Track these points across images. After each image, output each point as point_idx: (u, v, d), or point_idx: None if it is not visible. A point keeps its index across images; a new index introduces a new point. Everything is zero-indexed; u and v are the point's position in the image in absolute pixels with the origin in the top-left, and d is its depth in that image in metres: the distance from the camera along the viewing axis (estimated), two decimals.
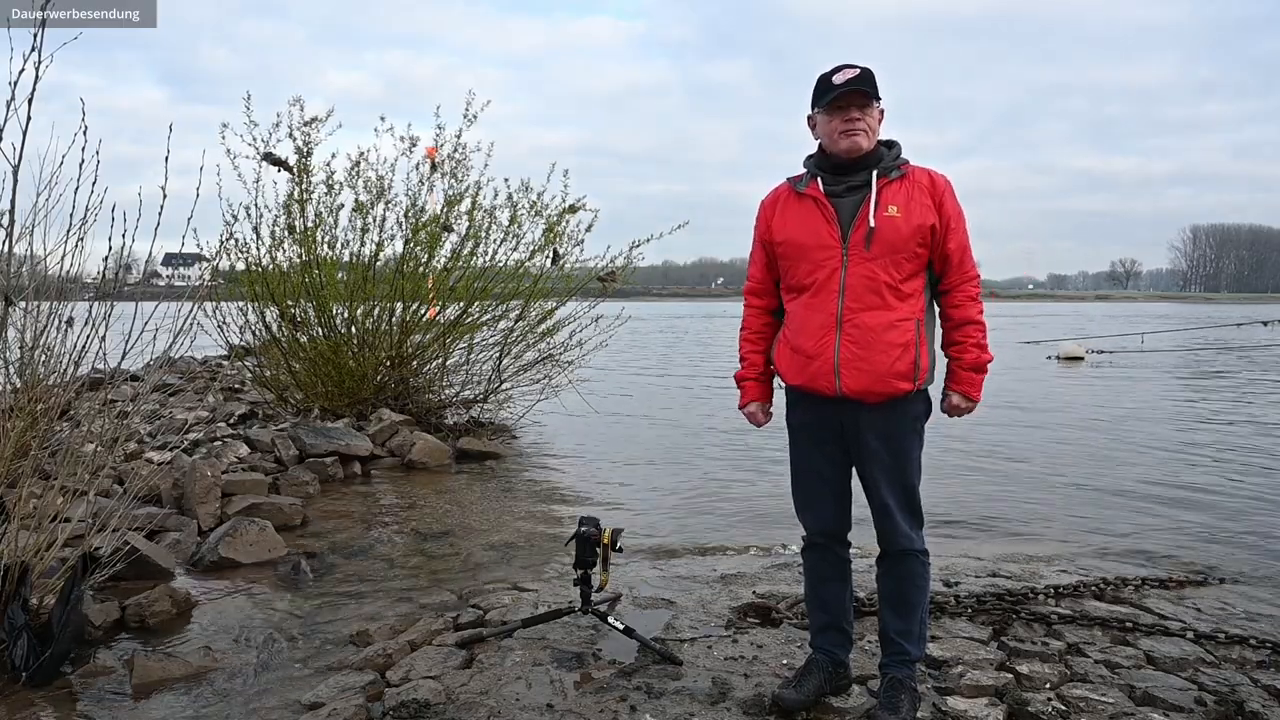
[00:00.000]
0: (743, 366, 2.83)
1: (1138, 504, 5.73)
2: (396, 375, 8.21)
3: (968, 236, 2.60)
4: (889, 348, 2.48)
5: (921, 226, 2.50)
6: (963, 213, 2.59)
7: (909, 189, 2.53)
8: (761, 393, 2.82)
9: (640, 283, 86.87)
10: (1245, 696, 2.76)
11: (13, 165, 3.08)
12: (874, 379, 2.49)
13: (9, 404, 3.62)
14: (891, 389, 2.50)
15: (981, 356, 2.60)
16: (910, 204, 2.50)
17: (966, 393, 2.61)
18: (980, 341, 2.60)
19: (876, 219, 2.47)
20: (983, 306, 2.63)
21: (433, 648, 3.18)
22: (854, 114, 2.49)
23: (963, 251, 2.57)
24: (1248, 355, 19.40)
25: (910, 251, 2.50)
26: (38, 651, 2.95)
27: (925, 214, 2.51)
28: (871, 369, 2.49)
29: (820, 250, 2.54)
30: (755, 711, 2.68)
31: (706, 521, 5.31)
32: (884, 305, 2.49)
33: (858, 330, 2.49)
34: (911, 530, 2.63)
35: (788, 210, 2.64)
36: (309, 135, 7.54)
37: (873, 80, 2.50)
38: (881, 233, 2.47)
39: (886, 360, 2.48)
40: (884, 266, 2.49)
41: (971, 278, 2.60)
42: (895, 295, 2.50)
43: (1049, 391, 12.67)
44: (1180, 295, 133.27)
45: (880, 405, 2.54)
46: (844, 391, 2.52)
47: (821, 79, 2.54)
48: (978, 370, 2.60)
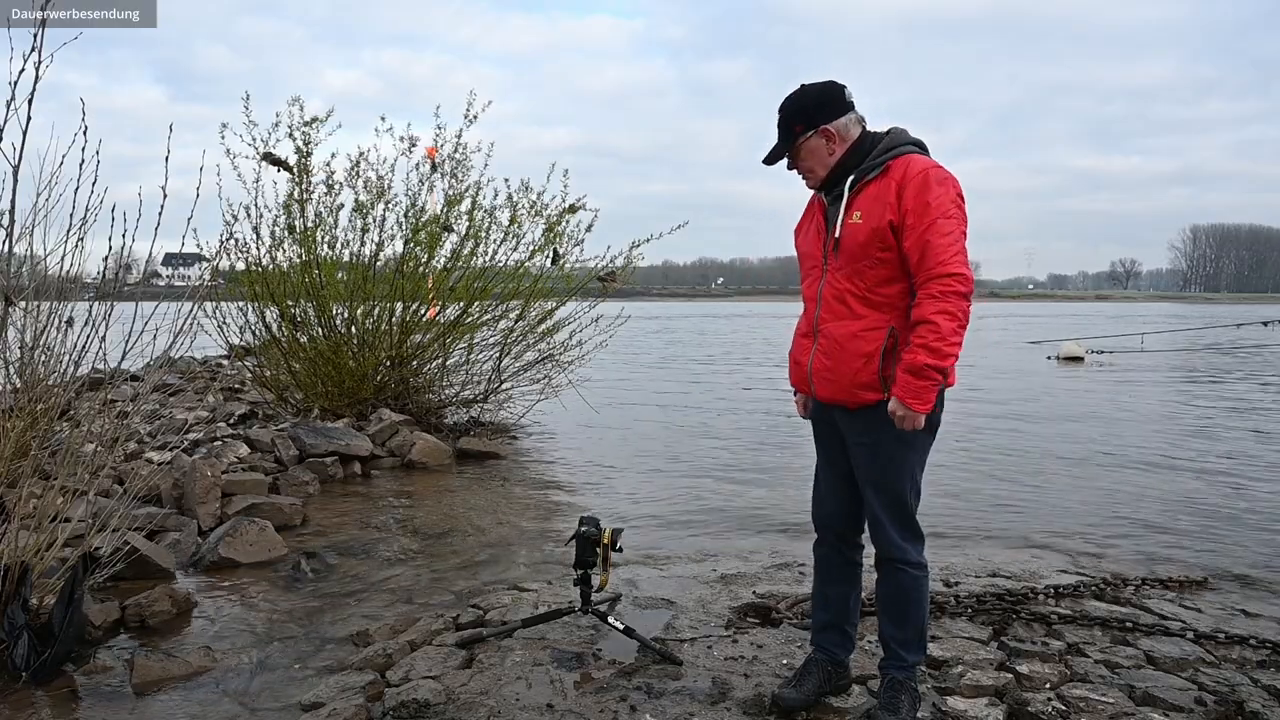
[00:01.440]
0: None
1: (1138, 504, 5.73)
2: (396, 375, 8.21)
3: (938, 230, 2.31)
4: (852, 358, 2.47)
5: (878, 229, 2.38)
6: (932, 205, 2.32)
7: (880, 189, 2.42)
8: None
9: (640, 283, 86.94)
10: (1245, 696, 2.76)
11: (13, 165, 3.08)
12: (838, 389, 2.52)
13: (9, 404, 3.63)
14: (858, 399, 2.49)
15: (920, 359, 2.29)
16: (874, 205, 2.42)
17: (900, 398, 2.33)
18: (929, 343, 2.29)
19: (842, 228, 2.48)
20: (949, 307, 2.29)
21: (433, 648, 3.18)
22: (798, 165, 2.58)
23: (924, 248, 2.32)
24: (1248, 355, 19.40)
25: (871, 259, 2.42)
26: (38, 651, 2.95)
27: (884, 213, 2.38)
28: (836, 379, 2.52)
29: (809, 260, 2.65)
30: (755, 711, 2.68)
31: (707, 521, 5.31)
32: (850, 315, 2.49)
33: (826, 340, 2.54)
34: (904, 541, 2.57)
35: (804, 221, 2.73)
36: (309, 135, 7.55)
37: (790, 120, 2.52)
38: (844, 241, 2.47)
39: (849, 370, 2.48)
40: (847, 275, 2.49)
41: (937, 275, 2.30)
42: (864, 304, 2.47)
43: (1049, 392, 12.67)
44: (1180, 295, 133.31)
45: (861, 412, 2.51)
46: (819, 399, 2.62)
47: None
48: (915, 374, 2.30)
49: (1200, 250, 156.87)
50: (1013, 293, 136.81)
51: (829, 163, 2.53)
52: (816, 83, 2.55)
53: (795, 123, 2.52)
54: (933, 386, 2.33)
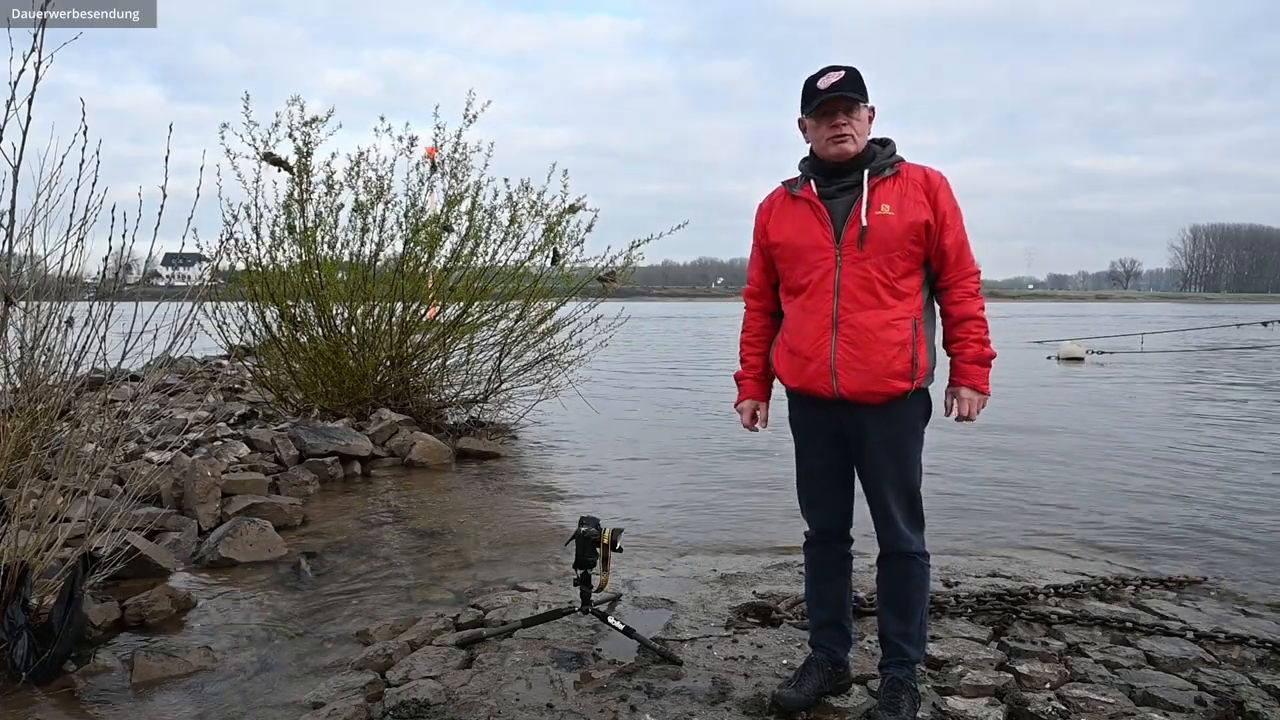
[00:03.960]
0: (742, 366, 2.85)
1: (1138, 504, 5.73)
2: (396, 375, 8.22)
3: (965, 233, 2.57)
4: (885, 346, 2.48)
5: (915, 224, 2.49)
6: (959, 209, 2.57)
7: (902, 187, 2.52)
8: (757, 391, 2.82)
9: (640, 283, 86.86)
10: (1245, 696, 2.76)
11: (13, 165, 3.08)
12: (871, 379, 2.49)
13: (9, 404, 3.63)
14: (889, 389, 2.49)
15: (984, 350, 2.57)
16: (903, 201, 2.49)
17: (975, 385, 2.57)
18: (982, 337, 2.57)
19: (869, 218, 2.47)
20: (983, 303, 2.60)
21: (433, 648, 3.18)
22: (840, 119, 2.48)
23: (960, 247, 2.55)
24: (1247, 355, 19.40)
25: (904, 249, 2.49)
26: (37, 651, 2.95)
27: (919, 211, 2.49)
28: (868, 369, 2.48)
29: (814, 252, 2.55)
30: (755, 711, 2.68)
31: (706, 521, 5.31)
32: (880, 304, 2.49)
33: (853, 330, 2.49)
34: (911, 532, 2.62)
35: (784, 213, 2.65)
36: (309, 135, 7.55)
37: (858, 82, 2.49)
38: (874, 231, 2.47)
39: (883, 359, 2.48)
40: (877, 265, 2.48)
41: (970, 273, 2.58)
42: (891, 294, 2.50)
43: (1049, 392, 12.67)
44: (1180, 295, 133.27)
45: (879, 406, 2.53)
46: (842, 393, 2.52)
47: (807, 84, 2.53)
48: (981, 363, 2.57)
49: (1200, 250, 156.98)
50: (1012, 293, 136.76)
51: (861, 142, 2.53)
52: None
53: (862, 91, 2.50)
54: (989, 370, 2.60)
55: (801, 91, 2.55)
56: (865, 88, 2.50)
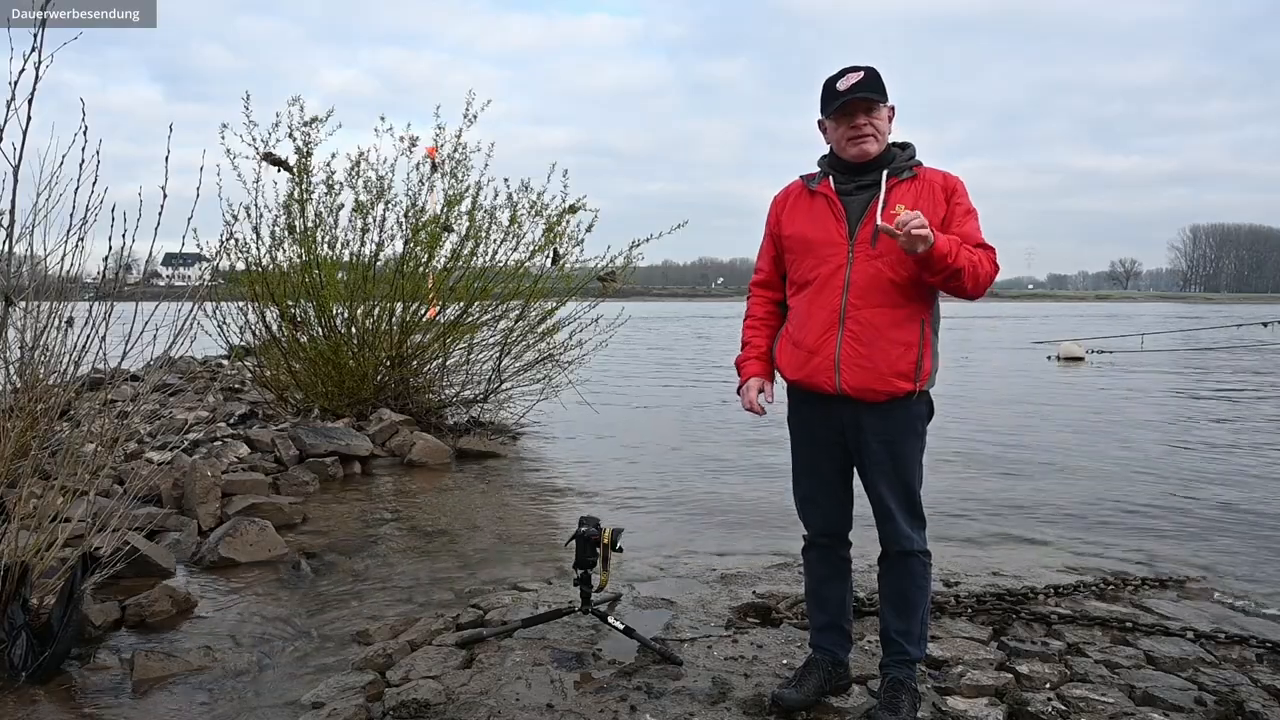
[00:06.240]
0: (744, 350, 2.80)
1: (1138, 504, 5.73)
2: (396, 375, 8.21)
3: (980, 232, 2.53)
4: (892, 345, 2.48)
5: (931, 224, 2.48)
6: (975, 211, 2.57)
7: (919, 188, 2.53)
8: (761, 370, 2.75)
9: (640, 283, 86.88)
10: (1245, 696, 2.76)
11: (13, 165, 3.08)
12: (874, 376, 2.49)
13: (9, 404, 3.62)
14: (891, 387, 2.49)
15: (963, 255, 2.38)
16: (919, 203, 2.49)
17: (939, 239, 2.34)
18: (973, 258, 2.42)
19: (884, 217, 2.47)
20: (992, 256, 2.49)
21: (433, 648, 3.18)
22: (860, 120, 2.49)
23: (976, 233, 2.52)
24: (1247, 356, 19.40)
25: None
26: (37, 651, 2.95)
27: (935, 211, 2.50)
28: (872, 366, 2.48)
29: (826, 246, 2.55)
30: (755, 711, 2.68)
31: (706, 521, 5.31)
32: (890, 302, 2.49)
33: (860, 327, 2.49)
34: (913, 531, 2.62)
35: (798, 206, 2.66)
36: (309, 135, 7.55)
37: (878, 81, 2.49)
38: None
39: (888, 357, 2.48)
40: (890, 264, 2.48)
41: (987, 246, 2.50)
42: (902, 293, 2.49)
43: (1049, 392, 12.67)
44: (1180, 295, 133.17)
45: (880, 405, 2.53)
46: (844, 389, 2.52)
47: (827, 85, 2.54)
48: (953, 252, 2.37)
49: (1200, 250, 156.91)
50: (1013, 293, 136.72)
51: (883, 141, 2.54)
52: None
53: (881, 91, 2.50)
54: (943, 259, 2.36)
55: (821, 93, 2.56)
56: (884, 87, 2.50)
